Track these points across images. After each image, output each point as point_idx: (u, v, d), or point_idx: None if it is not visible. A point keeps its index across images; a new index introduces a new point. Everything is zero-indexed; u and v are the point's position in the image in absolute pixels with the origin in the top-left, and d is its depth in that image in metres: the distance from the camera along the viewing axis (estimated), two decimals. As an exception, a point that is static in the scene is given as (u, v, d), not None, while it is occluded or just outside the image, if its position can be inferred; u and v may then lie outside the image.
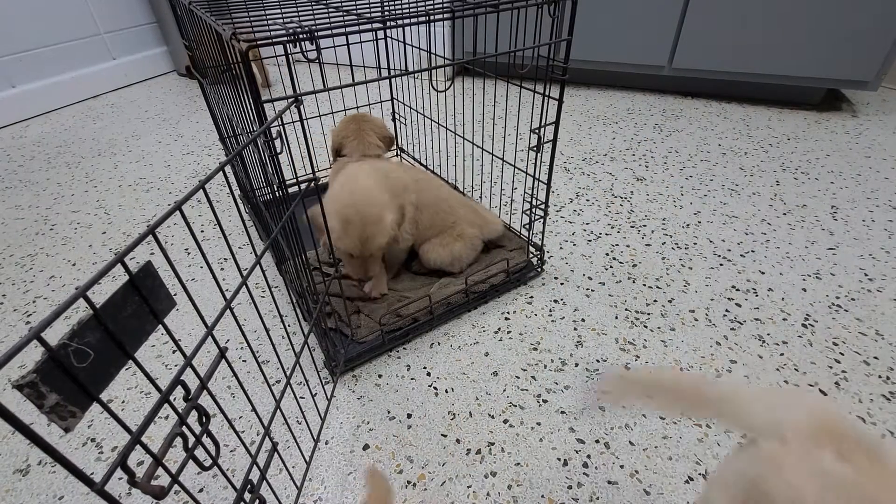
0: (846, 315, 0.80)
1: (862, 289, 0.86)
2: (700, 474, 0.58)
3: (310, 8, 0.76)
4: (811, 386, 0.69)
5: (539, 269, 0.92)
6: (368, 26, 0.54)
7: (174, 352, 0.78)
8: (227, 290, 0.91)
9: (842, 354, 0.73)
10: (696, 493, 0.57)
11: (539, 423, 0.65)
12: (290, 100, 0.51)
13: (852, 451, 0.29)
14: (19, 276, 0.97)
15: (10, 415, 0.22)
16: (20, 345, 0.21)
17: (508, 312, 0.84)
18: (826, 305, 0.82)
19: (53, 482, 0.61)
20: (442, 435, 0.64)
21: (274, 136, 0.50)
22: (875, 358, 0.73)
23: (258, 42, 0.47)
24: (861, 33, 1.38)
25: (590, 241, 1.01)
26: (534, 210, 0.85)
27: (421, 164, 1.22)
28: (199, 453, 0.63)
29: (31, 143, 1.58)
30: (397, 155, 1.26)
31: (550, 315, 0.83)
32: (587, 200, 1.15)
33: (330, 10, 0.67)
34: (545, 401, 0.68)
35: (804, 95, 1.65)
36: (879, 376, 0.70)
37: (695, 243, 0.99)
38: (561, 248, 0.99)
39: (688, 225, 1.05)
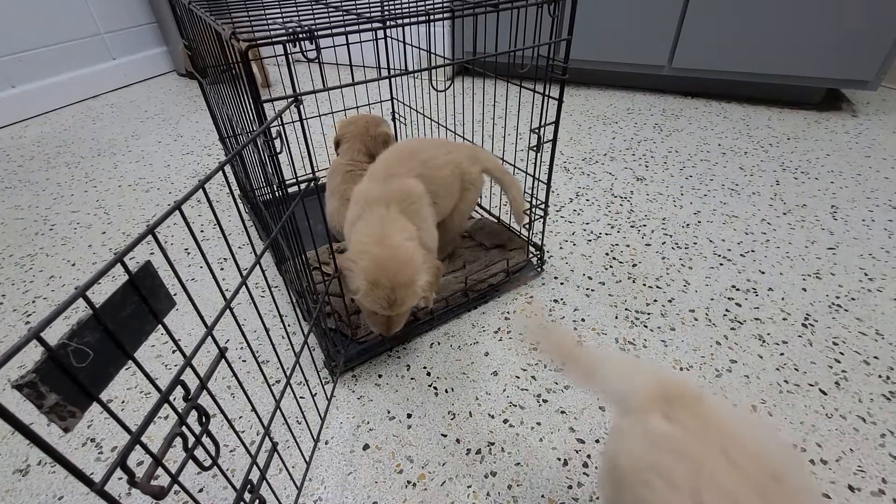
0: (846, 315, 0.80)
1: (862, 288, 0.86)
2: (700, 474, 0.58)
3: (309, 7, 0.76)
4: (811, 385, 0.69)
5: (539, 269, 0.92)
6: (368, 26, 0.54)
7: (174, 352, 0.78)
8: (226, 289, 0.91)
9: (842, 354, 0.73)
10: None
11: (539, 423, 0.65)
12: (289, 99, 0.51)
13: (678, 412, 0.34)
14: (19, 276, 0.97)
15: (9, 415, 0.22)
16: (20, 344, 0.21)
17: (508, 312, 0.84)
18: (826, 305, 0.82)
19: (53, 482, 0.61)
20: (442, 435, 0.64)
21: (273, 135, 0.50)
22: (875, 357, 0.73)
23: (258, 42, 0.47)
24: (861, 33, 1.38)
25: (590, 240, 1.01)
26: (534, 210, 0.85)
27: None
28: (199, 453, 0.63)
29: (31, 143, 1.58)
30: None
31: (550, 315, 0.83)
32: (587, 200, 1.15)
33: (329, 9, 0.67)
34: (545, 401, 0.68)
35: (804, 95, 1.65)
36: (879, 376, 0.70)
37: (695, 243, 0.99)
38: (561, 247, 0.99)
39: (688, 225, 1.05)
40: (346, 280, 0.64)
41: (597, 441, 0.62)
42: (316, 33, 0.49)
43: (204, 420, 0.36)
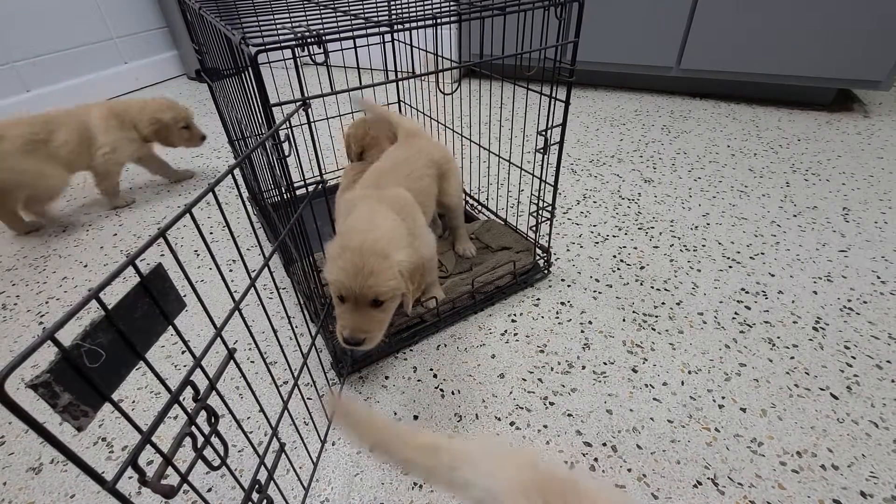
0: (858, 318, 0.79)
1: (874, 291, 0.85)
2: (709, 478, 0.58)
3: (317, 12, 0.76)
4: (822, 390, 0.68)
5: (546, 272, 0.92)
6: (376, 30, 0.55)
7: (183, 352, 0.79)
8: (235, 291, 0.92)
9: (853, 358, 0.72)
10: (705, 497, 0.56)
11: (546, 426, 0.65)
12: (298, 103, 0.51)
13: None
14: (32, 277, 0.99)
15: (25, 414, 0.22)
16: (35, 345, 0.22)
17: (515, 314, 0.83)
18: (837, 308, 0.81)
19: (65, 480, 0.61)
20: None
21: (282, 138, 0.51)
22: (888, 362, 0.72)
23: (267, 46, 0.48)
24: (872, 32, 1.36)
25: (597, 243, 1.01)
26: (540, 212, 0.85)
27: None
28: (208, 453, 0.63)
29: (45, 147, 1.61)
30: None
31: (557, 317, 0.82)
32: (594, 202, 1.15)
33: (337, 13, 0.67)
34: (552, 403, 0.68)
35: (815, 96, 1.63)
36: (892, 380, 0.69)
37: (703, 245, 0.98)
38: (568, 250, 0.99)
39: (696, 227, 1.04)
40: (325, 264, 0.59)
41: (604, 444, 0.62)
42: (324, 37, 0.50)
43: (213, 420, 0.36)
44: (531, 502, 0.30)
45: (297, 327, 0.83)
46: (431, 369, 0.74)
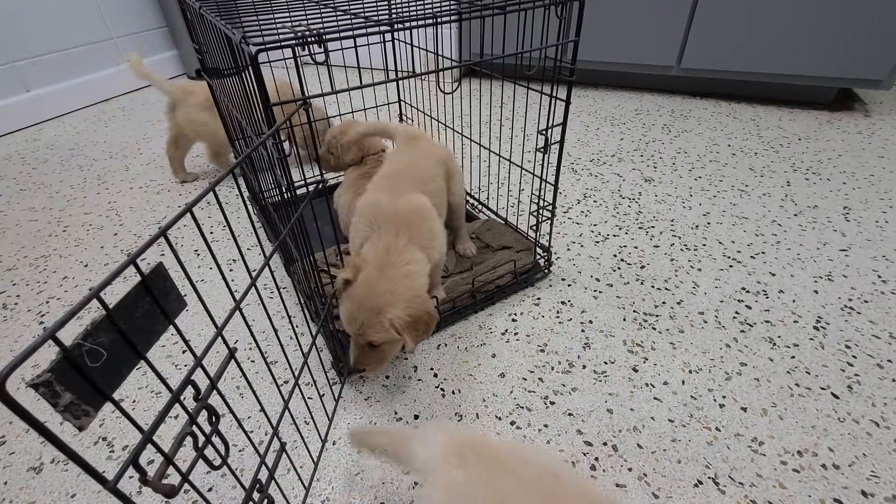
0: (859, 317, 0.79)
1: (875, 291, 0.85)
2: (710, 478, 0.58)
3: (318, 11, 0.76)
4: (823, 389, 0.68)
5: (546, 271, 0.92)
6: (376, 29, 0.55)
7: (184, 352, 0.79)
8: (235, 290, 0.92)
9: (854, 357, 0.72)
10: (706, 497, 0.56)
11: (546, 426, 0.65)
12: (298, 102, 0.51)
13: (469, 460, 0.39)
14: (33, 277, 0.99)
15: (27, 413, 0.22)
16: (36, 344, 0.22)
17: (515, 314, 0.83)
18: (838, 308, 0.81)
19: (66, 480, 0.61)
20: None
21: (283, 138, 0.51)
22: (889, 361, 0.72)
23: (268, 46, 0.48)
24: (873, 32, 1.36)
25: (597, 242, 1.01)
26: (541, 211, 0.85)
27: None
28: (209, 453, 0.63)
29: (45, 147, 1.61)
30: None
31: (558, 317, 0.82)
32: (595, 202, 1.15)
33: (337, 13, 0.67)
34: (552, 403, 0.68)
35: (816, 95, 1.63)
36: (893, 380, 0.69)
37: (704, 245, 0.98)
38: (568, 249, 0.99)
39: (697, 226, 1.04)
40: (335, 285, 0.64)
41: (604, 444, 0.62)
42: (324, 37, 0.50)
43: (214, 420, 0.36)
44: (452, 459, 0.39)
45: (297, 327, 0.83)
46: (432, 369, 0.74)
